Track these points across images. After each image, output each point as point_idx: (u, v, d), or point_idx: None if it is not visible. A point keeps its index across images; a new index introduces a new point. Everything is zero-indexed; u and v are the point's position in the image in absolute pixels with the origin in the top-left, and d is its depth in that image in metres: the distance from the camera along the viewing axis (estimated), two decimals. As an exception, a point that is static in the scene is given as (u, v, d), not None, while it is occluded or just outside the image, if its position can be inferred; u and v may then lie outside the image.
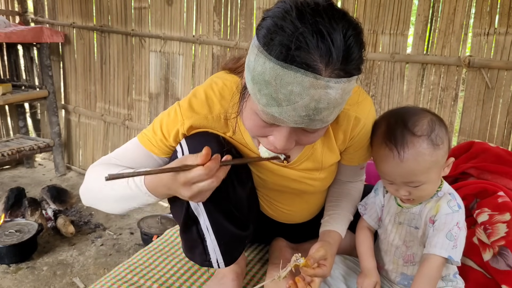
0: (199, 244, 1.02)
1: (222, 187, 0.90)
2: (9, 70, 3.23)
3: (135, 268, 1.30)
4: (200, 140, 0.99)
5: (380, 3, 1.91)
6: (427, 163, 0.95)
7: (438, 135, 0.95)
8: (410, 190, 1.00)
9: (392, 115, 1.01)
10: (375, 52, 1.96)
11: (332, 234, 1.12)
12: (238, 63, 1.05)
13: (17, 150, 2.94)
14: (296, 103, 0.74)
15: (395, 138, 0.95)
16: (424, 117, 0.97)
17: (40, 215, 2.46)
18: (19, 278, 2.04)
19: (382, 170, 1.01)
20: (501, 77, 1.70)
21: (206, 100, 1.01)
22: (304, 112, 0.75)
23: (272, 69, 0.73)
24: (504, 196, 1.28)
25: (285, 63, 0.72)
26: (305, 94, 0.73)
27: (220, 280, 1.15)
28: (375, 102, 2.01)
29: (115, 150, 1.09)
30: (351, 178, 1.24)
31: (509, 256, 1.14)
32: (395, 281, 1.10)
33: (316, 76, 0.72)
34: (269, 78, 0.73)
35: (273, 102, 0.75)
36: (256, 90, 0.77)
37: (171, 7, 2.60)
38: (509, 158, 1.51)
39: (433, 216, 1.02)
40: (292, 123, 0.77)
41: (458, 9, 1.75)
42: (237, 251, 1.08)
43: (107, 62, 3.03)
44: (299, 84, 0.72)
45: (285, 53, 0.71)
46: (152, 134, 1.04)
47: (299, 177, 1.10)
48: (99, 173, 0.99)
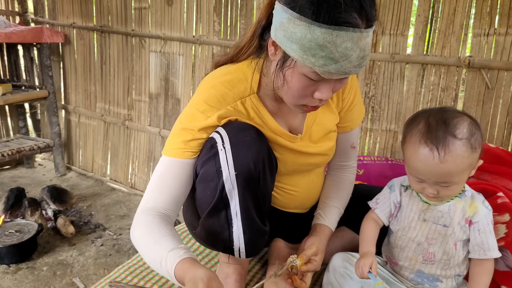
0: (225, 229, 1.04)
1: (258, 171, 1.00)
2: (9, 70, 3.23)
3: (134, 270, 1.30)
4: (238, 127, 1.04)
5: (380, 3, 1.91)
6: (464, 166, 0.97)
7: (477, 139, 0.98)
8: (439, 189, 1.01)
9: (431, 115, 1.01)
10: (375, 52, 1.96)
11: (323, 229, 1.21)
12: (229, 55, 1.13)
13: (17, 150, 2.94)
14: (351, 56, 0.87)
15: (437, 139, 0.96)
16: (464, 120, 0.99)
17: (40, 215, 2.46)
18: (19, 278, 2.04)
19: (416, 168, 1.01)
20: (501, 77, 1.70)
21: (221, 93, 1.06)
22: (357, 62, 0.89)
23: (325, 33, 0.84)
24: (504, 197, 1.28)
25: (336, 25, 0.84)
26: (356, 47, 0.87)
27: (223, 280, 1.15)
28: (375, 102, 2.01)
29: (150, 182, 1.07)
30: (343, 157, 1.32)
31: (509, 257, 1.14)
32: (409, 278, 1.12)
33: (361, 30, 0.86)
34: (323, 42, 0.85)
35: (331, 62, 0.87)
36: (309, 55, 0.87)
37: (171, 7, 2.60)
38: (509, 158, 1.51)
39: (469, 216, 1.05)
40: (347, 74, 0.90)
41: (458, 10, 1.75)
42: (259, 244, 1.11)
43: (107, 62, 3.03)
44: (350, 40, 0.85)
45: (334, 17, 0.84)
46: (182, 140, 1.05)
47: (315, 150, 1.19)
48: (141, 233, 1.00)
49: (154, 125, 2.83)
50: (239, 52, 1.11)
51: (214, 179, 1.01)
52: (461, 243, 1.07)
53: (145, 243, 0.97)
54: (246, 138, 1.02)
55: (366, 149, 2.10)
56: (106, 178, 3.20)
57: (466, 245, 1.08)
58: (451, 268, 1.09)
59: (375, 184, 1.61)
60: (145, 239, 0.97)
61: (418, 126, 1.01)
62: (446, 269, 1.09)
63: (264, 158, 1.03)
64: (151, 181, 1.07)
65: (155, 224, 0.99)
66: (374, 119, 2.04)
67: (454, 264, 1.09)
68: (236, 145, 1.00)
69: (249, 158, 1.00)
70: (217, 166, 1.00)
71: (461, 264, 1.10)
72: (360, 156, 1.87)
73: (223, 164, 1.00)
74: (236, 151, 1.00)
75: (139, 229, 1.01)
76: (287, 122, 1.15)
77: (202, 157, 1.04)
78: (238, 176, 0.99)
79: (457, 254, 1.07)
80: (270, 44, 0.97)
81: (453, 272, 1.10)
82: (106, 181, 3.20)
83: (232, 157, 1.00)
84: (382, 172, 1.74)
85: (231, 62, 1.13)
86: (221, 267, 1.19)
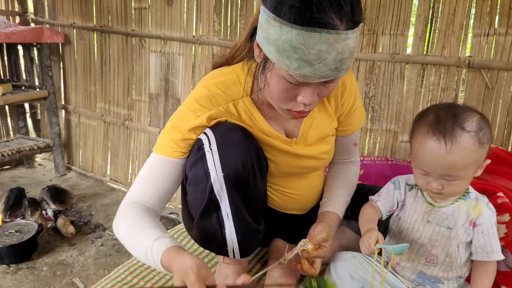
0: (217, 231, 1.03)
1: (246, 172, 0.99)
2: (9, 70, 3.23)
3: (135, 270, 1.30)
4: (225, 128, 1.03)
5: (380, 4, 1.91)
6: (470, 160, 0.97)
7: (485, 134, 0.98)
8: (443, 184, 1.01)
9: (442, 108, 1.03)
10: (375, 53, 1.96)
11: (331, 216, 1.20)
12: (226, 56, 1.13)
13: (17, 150, 2.94)
14: (326, 59, 0.83)
15: (444, 129, 0.97)
16: (474, 115, 1.00)
17: (40, 215, 2.46)
18: (19, 278, 2.04)
19: (423, 159, 1.02)
20: (501, 77, 1.70)
21: (213, 94, 1.05)
22: (333, 65, 0.84)
23: (298, 35, 0.81)
24: (504, 197, 1.28)
25: (309, 26, 0.80)
26: (332, 49, 0.82)
27: (222, 280, 1.15)
28: (375, 103, 2.01)
29: (137, 178, 1.08)
30: (346, 155, 1.31)
31: (509, 257, 1.14)
32: (410, 278, 1.12)
33: (338, 32, 0.81)
34: (296, 43, 0.82)
35: (305, 64, 0.84)
36: (284, 58, 0.85)
37: (171, 7, 2.60)
38: (509, 158, 1.51)
39: (474, 219, 1.04)
40: (324, 78, 0.87)
41: (458, 10, 1.75)
42: (253, 244, 1.10)
43: (107, 62, 3.03)
44: (325, 42, 0.81)
45: (307, 20, 0.80)
46: (172, 139, 1.05)
47: (310, 153, 1.17)
48: (125, 224, 1.00)
49: (154, 125, 2.83)
50: (235, 54, 1.10)
51: (202, 181, 1.00)
52: (464, 245, 1.07)
53: (130, 234, 0.98)
54: (233, 139, 1.01)
55: (366, 149, 2.10)
56: (106, 178, 3.20)
57: (469, 247, 1.08)
58: (453, 270, 1.09)
59: (375, 184, 1.61)
60: (131, 230, 0.98)
61: (427, 119, 1.02)
62: (448, 271, 1.09)
63: (252, 158, 1.02)
64: (139, 176, 1.08)
65: (140, 216, 0.99)
66: (374, 119, 2.04)
67: (456, 266, 1.08)
68: (223, 146, 1.00)
69: (237, 159, 0.99)
70: (204, 168, 1.00)
71: (463, 266, 1.10)
72: (360, 156, 1.86)
73: (211, 166, 0.99)
74: (223, 153, 0.99)
75: (124, 221, 1.01)
76: (283, 125, 1.15)
77: (190, 159, 1.04)
78: (226, 177, 0.99)
79: (460, 256, 1.07)
80: (256, 46, 0.96)
81: (455, 274, 1.09)
82: (106, 181, 3.20)
83: (219, 159, 0.99)
84: (382, 172, 1.74)
85: (227, 64, 1.13)
86: (220, 267, 1.19)
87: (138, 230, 0.96)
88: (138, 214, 1.00)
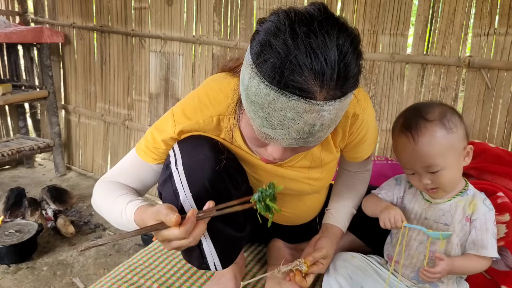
0: (195, 248, 1.01)
1: (217, 189, 0.95)
2: (9, 70, 3.23)
3: (135, 268, 1.30)
4: (192, 144, 1.00)
5: (380, 3, 1.91)
6: (442, 146, 1.00)
7: (450, 120, 1.02)
8: (431, 178, 1.04)
9: (410, 109, 1.10)
10: (375, 52, 1.96)
11: (335, 231, 1.18)
12: (238, 62, 1.04)
13: (17, 150, 2.94)
14: (290, 127, 0.72)
15: (409, 125, 1.04)
16: (437, 106, 1.05)
17: (40, 215, 2.46)
18: (19, 278, 2.04)
19: (401, 158, 1.08)
20: (501, 77, 1.70)
21: (199, 105, 1.01)
22: (298, 136, 0.74)
23: (265, 93, 0.71)
24: (504, 196, 1.29)
25: (279, 88, 0.69)
26: (299, 119, 0.71)
27: (219, 279, 1.16)
28: (375, 103, 2.01)
29: (117, 164, 1.12)
30: (357, 168, 1.27)
31: (509, 257, 1.14)
32: (409, 276, 1.12)
33: (310, 102, 0.69)
34: (262, 101, 0.72)
35: (267, 124, 0.74)
36: (250, 110, 0.76)
37: (171, 7, 2.60)
38: (509, 158, 1.51)
39: (469, 214, 1.05)
40: (286, 144, 0.77)
41: (458, 10, 1.76)
42: (234, 253, 1.08)
43: (107, 62, 3.03)
44: (292, 109, 0.70)
45: (278, 78, 0.69)
46: (146, 143, 1.06)
47: (296, 176, 1.10)
48: (101, 194, 1.05)
49: (154, 125, 2.82)
50: (238, 66, 1.02)
51: (173, 201, 0.97)
52: (460, 241, 1.07)
53: (105, 202, 1.02)
54: (199, 156, 0.97)
55: (366, 149, 2.10)
56: (106, 178, 3.20)
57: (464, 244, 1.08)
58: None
59: (375, 184, 1.61)
60: (105, 198, 1.02)
61: (399, 122, 1.09)
62: None
63: (222, 175, 0.97)
64: (117, 165, 1.10)
65: (114, 187, 1.03)
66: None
67: None
68: (188, 166, 0.96)
69: (204, 178, 0.95)
70: (173, 188, 0.98)
71: None
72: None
73: (179, 186, 0.97)
74: (189, 173, 0.96)
75: (99, 193, 1.06)
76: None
77: (161, 177, 1.04)
78: (195, 197, 0.95)
79: (458, 254, 1.07)
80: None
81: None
82: (106, 181, 3.20)
83: (186, 179, 0.96)
84: (382, 172, 1.74)
85: (234, 72, 1.05)
86: None
87: (113, 198, 0.99)
88: (112, 185, 1.05)
